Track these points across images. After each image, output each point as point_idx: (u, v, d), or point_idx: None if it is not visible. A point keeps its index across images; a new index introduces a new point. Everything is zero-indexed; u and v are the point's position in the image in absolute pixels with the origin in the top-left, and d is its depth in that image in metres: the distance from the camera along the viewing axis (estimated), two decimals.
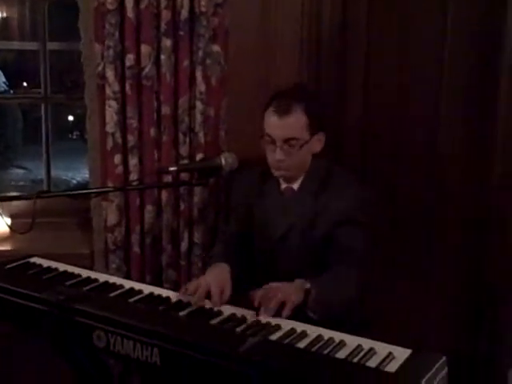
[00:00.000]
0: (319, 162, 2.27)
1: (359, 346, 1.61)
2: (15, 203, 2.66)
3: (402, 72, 2.87)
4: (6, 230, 2.84)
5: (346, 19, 2.85)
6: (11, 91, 8.71)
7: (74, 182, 8.16)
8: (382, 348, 1.59)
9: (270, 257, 2.29)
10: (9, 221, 2.73)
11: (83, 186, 6.98)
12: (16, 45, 6.75)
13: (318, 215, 2.18)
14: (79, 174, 8.10)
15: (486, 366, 2.96)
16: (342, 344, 1.62)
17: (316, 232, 2.18)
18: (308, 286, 1.88)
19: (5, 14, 7.46)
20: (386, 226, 2.88)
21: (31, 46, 3.84)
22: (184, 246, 2.78)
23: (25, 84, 9.16)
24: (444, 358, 1.53)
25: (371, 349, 1.59)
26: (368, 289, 2.38)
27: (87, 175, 2.91)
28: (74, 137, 10.67)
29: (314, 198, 2.20)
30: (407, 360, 1.54)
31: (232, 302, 1.96)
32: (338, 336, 1.67)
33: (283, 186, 2.30)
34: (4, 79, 8.54)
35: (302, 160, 2.21)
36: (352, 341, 1.64)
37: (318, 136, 2.21)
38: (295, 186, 2.27)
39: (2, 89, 8.45)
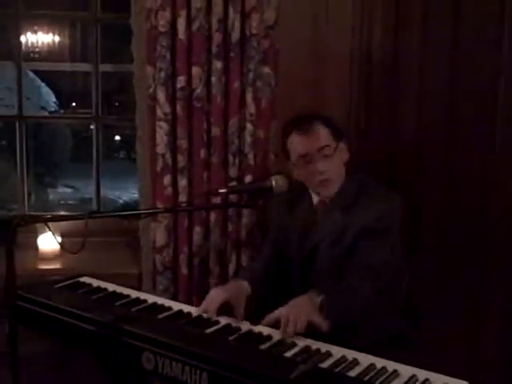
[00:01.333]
0: (352, 175, 2.29)
1: (413, 376, 1.57)
2: (65, 223, 2.69)
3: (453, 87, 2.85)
4: (57, 248, 2.88)
5: (397, 40, 2.84)
6: (61, 111, 8.92)
7: (121, 201, 8.25)
8: (438, 379, 1.54)
9: (301, 269, 2.30)
10: (59, 239, 2.76)
11: (130, 205, 7.06)
12: (67, 66, 6.90)
13: (347, 228, 2.18)
14: (126, 193, 8.19)
15: None
16: (395, 374, 1.58)
17: (342, 245, 2.19)
18: (319, 298, 1.89)
19: (57, 37, 7.64)
20: (438, 248, 2.84)
21: (82, 67, 3.91)
22: (232, 267, 2.77)
23: (73, 104, 9.36)
24: None
25: (426, 379, 1.54)
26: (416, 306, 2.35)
27: (134, 194, 2.94)
28: (121, 156, 10.83)
29: (345, 213, 2.21)
30: None
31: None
32: (391, 365, 1.62)
33: (316, 200, 2.31)
34: (54, 99, 8.74)
35: (339, 169, 2.25)
36: (406, 371, 1.59)
37: (341, 144, 2.25)
38: (328, 200, 2.28)
39: (53, 108, 8.65)
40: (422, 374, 1.58)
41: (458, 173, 2.89)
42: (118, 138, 10.97)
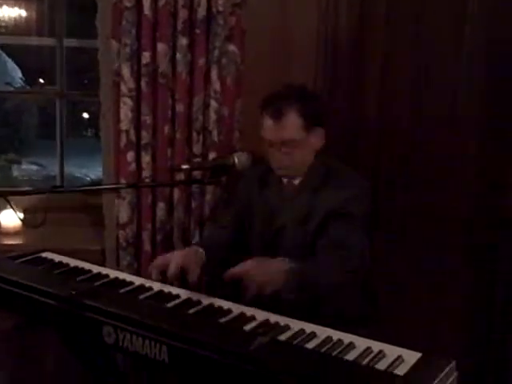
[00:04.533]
0: (322, 159, 2.28)
1: (368, 348, 1.60)
2: (28, 198, 2.67)
3: (418, 72, 2.88)
4: (19, 224, 2.86)
5: (363, 20, 2.85)
6: (27, 87, 8.78)
7: (88, 179, 8.18)
8: (392, 351, 1.58)
9: (268, 251, 2.28)
10: (21, 215, 2.75)
11: (97, 183, 7.01)
12: (33, 41, 6.77)
13: (314, 209, 2.20)
14: (93, 171, 8.12)
15: (497, 373, 2.94)
16: (351, 346, 1.61)
17: (309, 225, 2.20)
18: (292, 265, 1.89)
19: (23, 11, 7.50)
20: (399, 224, 2.89)
21: (48, 41, 3.85)
22: None
23: (41, 80, 9.21)
24: (454, 362, 1.52)
25: (380, 351, 1.57)
26: (371, 284, 2.38)
27: (101, 173, 2.92)
28: (89, 134, 10.71)
29: (312, 194, 2.22)
30: (417, 363, 1.52)
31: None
32: (347, 338, 1.65)
33: (285, 181, 2.32)
34: (20, 75, 8.60)
35: (302, 159, 2.24)
36: (361, 343, 1.62)
37: (315, 132, 2.22)
38: (296, 181, 2.29)
39: (19, 84, 8.52)
40: (376, 345, 1.61)
41: (419, 153, 2.92)
42: (86, 115, 10.83)
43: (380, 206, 2.71)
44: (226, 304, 1.89)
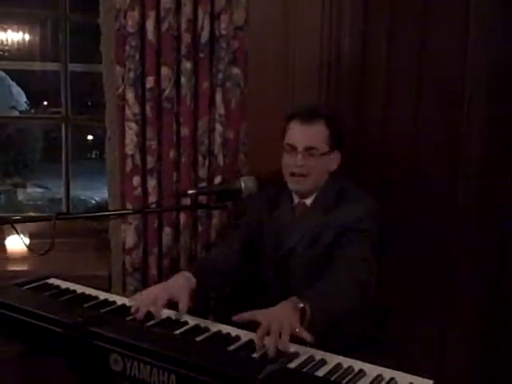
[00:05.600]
0: (334, 179, 2.29)
1: (379, 375, 1.58)
2: (33, 224, 2.67)
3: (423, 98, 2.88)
4: (25, 250, 2.85)
5: (365, 43, 2.87)
6: (32, 111, 8.81)
7: (93, 201, 8.18)
8: (403, 378, 1.56)
9: (277, 270, 2.29)
10: (27, 241, 2.74)
11: (102, 205, 7.01)
12: (38, 65, 6.83)
13: (325, 228, 2.19)
14: (98, 193, 8.13)
15: None
16: (362, 373, 1.59)
17: (320, 244, 2.19)
18: (301, 305, 1.81)
19: (27, 35, 7.55)
20: (405, 245, 2.88)
21: (52, 66, 3.87)
22: None
23: (45, 103, 9.25)
24: None
25: (392, 379, 1.56)
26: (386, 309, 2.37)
27: (106, 195, 2.92)
28: (94, 156, 10.75)
29: (324, 214, 2.22)
30: None
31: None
32: (357, 365, 1.64)
33: (296, 201, 2.31)
34: (25, 99, 8.65)
35: (318, 172, 2.23)
36: (372, 370, 1.61)
37: (335, 153, 2.25)
38: (308, 201, 2.28)
39: (23, 108, 8.55)
40: (387, 373, 1.59)
41: (425, 167, 2.92)
42: (90, 137, 10.89)
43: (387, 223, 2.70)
44: (234, 331, 1.88)
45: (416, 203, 2.93)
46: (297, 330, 1.71)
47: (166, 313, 2.03)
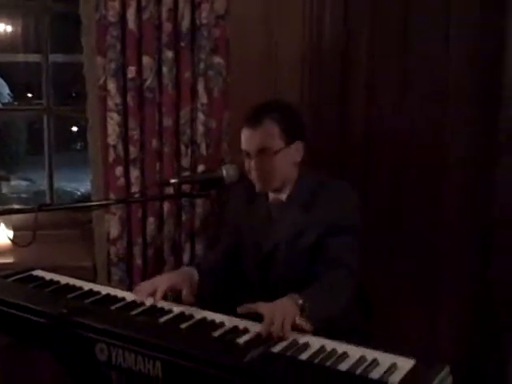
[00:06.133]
0: (308, 173, 2.25)
1: (362, 357, 1.59)
2: (17, 216, 2.66)
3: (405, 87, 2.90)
4: (8, 242, 2.84)
5: (348, 29, 2.88)
6: (15, 103, 8.75)
7: (78, 193, 8.14)
8: (386, 358, 1.58)
9: (260, 270, 2.27)
10: (11, 233, 2.73)
11: (87, 197, 6.97)
12: (20, 57, 6.76)
13: (306, 226, 2.15)
14: (83, 185, 8.09)
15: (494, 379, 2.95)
16: (344, 355, 1.61)
17: (303, 242, 2.16)
18: (300, 301, 1.83)
19: (9, 27, 7.49)
20: (391, 239, 2.89)
21: (34, 58, 3.85)
22: (186, 257, 2.78)
23: (29, 95, 9.18)
24: (448, 368, 1.52)
25: (374, 360, 1.57)
26: (371, 300, 2.38)
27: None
28: (78, 147, 10.68)
29: (303, 210, 2.18)
30: (410, 370, 1.52)
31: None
32: (340, 347, 1.65)
33: (271, 197, 2.28)
34: (8, 91, 8.58)
35: (280, 169, 2.17)
36: (355, 352, 1.62)
37: (296, 145, 2.19)
38: (283, 196, 2.24)
39: (6, 100, 8.49)
40: (370, 353, 1.61)
41: (408, 165, 2.94)
42: (75, 129, 10.81)
43: (370, 215, 2.72)
44: (218, 317, 1.89)
45: (400, 199, 2.94)
46: (297, 320, 1.76)
47: (150, 301, 2.04)
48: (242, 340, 1.72)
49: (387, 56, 2.89)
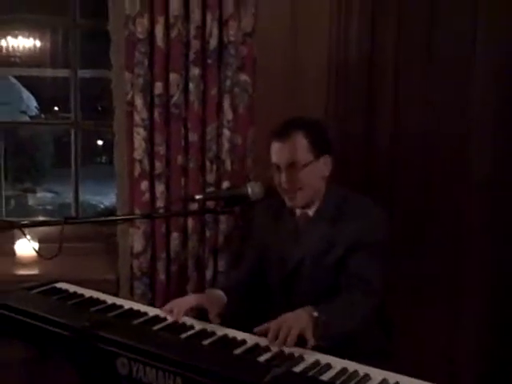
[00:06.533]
0: (334, 189, 2.27)
1: (384, 380, 1.58)
2: (42, 228, 2.68)
3: (431, 101, 2.88)
4: (34, 254, 2.87)
5: (373, 47, 2.88)
6: (42, 115, 8.88)
7: (102, 206, 8.21)
8: (408, 382, 1.56)
9: (285, 285, 2.27)
10: (36, 245, 2.76)
11: (111, 210, 7.03)
12: (48, 72, 6.87)
13: (332, 242, 2.16)
14: (107, 198, 8.15)
15: None
16: (366, 378, 1.60)
17: (329, 258, 2.17)
18: (315, 313, 1.85)
19: (38, 42, 7.61)
20: (414, 254, 2.87)
21: (62, 73, 3.91)
22: (209, 273, 2.78)
23: (56, 108, 9.31)
24: None
25: (396, 383, 1.56)
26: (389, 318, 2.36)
27: (115, 200, 2.94)
28: (103, 161, 10.78)
29: (330, 226, 2.19)
30: None
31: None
32: (362, 369, 1.64)
33: (298, 212, 2.29)
34: (35, 104, 8.72)
35: (309, 183, 2.19)
36: (377, 374, 1.61)
37: (324, 159, 2.21)
38: (310, 212, 2.26)
39: (34, 113, 8.62)
40: (392, 377, 1.59)
41: (434, 177, 2.93)
42: (100, 142, 10.92)
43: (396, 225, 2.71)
44: (240, 335, 1.89)
45: (425, 211, 2.93)
46: (305, 332, 1.77)
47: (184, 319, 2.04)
48: (263, 358, 1.72)
49: (412, 69, 2.89)
